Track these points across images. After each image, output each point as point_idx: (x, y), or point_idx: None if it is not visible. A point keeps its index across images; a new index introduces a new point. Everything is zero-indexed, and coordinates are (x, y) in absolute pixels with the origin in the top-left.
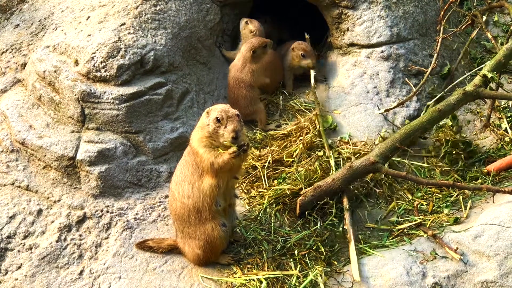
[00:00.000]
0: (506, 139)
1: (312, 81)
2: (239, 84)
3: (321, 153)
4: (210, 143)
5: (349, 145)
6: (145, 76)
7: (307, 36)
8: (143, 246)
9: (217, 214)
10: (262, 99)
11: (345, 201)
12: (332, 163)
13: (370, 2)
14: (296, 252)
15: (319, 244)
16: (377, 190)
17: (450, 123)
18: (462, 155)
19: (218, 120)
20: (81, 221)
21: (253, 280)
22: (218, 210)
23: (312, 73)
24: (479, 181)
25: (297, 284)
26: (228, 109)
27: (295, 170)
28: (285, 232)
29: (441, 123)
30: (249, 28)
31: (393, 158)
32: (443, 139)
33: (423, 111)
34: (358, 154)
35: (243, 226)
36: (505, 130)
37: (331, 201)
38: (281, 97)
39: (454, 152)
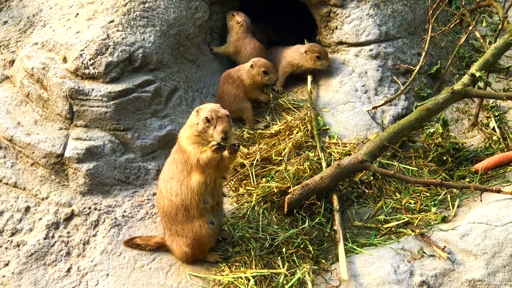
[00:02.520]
0: (494, 138)
1: (309, 86)
2: (227, 80)
3: (312, 154)
4: (198, 141)
5: (339, 145)
6: (133, 74)
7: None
8: (131, 244)
9: (205, 211)
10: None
11: (336, 202)
12: (324, 164)
13: (358, 0)
14: (284, 250)
15: (307, 242)
16: (367, 191)
17: (441, 130)
18: (450, 159)
19: (207, 120)
20: (69, 218)
21: (241, 278)
22: (205, 207)
23: (309, 78)
24: (467, 180)
25: (284, 282)
26: (218, 109)
27: (284, 168)
28: (273, 230)
29: (431, 130)
30: (236, 19)
31: (382, 161)
32: (433, 144)
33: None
34: (348, 155)
35: (231, 224)
36: (493, 129)
37: (319, 202)
38: (271, 95)
39: (444, 158)
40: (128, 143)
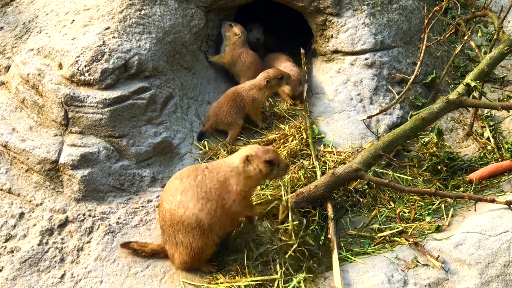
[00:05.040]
0: (489, 147)
1: (305, 94)
2: (235, 98)
3: (306, 163)
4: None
5: (333, 154)
6: (129, 81)
7: (302, 51)
8: (127, 247)
9: (220, 237)
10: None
11: (330, 211)
12: (319, 173)
13: (354, 9)
14: (278, 258)
15: (303, 250)
16: (361, 200)
17: (436, 139)
18: (445, 169)
19: (271, 163)
20: (63, 224)
21: (234, 286)
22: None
23: (305, 86)
24: (461, 189)
25: None
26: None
27: None
28: (269, 238)
29: (426, 139)
30: (233, 31)
31: (377, 170)
32: (427, 153)
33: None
34: (343, 163)
35: None
36: (488, 138)
37: (313, 211)
38: (267, 103)
39: (439, 167)
40: (123, 150)
